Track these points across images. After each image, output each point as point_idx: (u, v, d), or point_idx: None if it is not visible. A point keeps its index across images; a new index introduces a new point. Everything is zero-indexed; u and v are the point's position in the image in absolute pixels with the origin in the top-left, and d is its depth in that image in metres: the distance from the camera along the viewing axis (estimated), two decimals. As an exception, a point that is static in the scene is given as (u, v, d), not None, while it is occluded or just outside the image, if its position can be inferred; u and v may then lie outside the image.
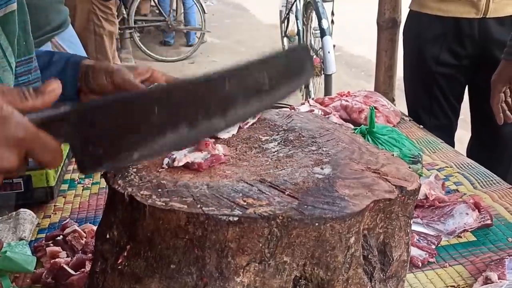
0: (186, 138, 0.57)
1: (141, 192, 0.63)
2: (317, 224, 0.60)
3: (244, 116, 0.59)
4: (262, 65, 0.58)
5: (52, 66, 0.87)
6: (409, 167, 0.77)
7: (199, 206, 0.60)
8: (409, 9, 1.98)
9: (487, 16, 1.79)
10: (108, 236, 0.65)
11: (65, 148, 1.32)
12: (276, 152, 0.76)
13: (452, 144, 1.85)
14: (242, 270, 0.60)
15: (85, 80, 0.85)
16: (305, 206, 0.61)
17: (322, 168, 0.70)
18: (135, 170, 0.68)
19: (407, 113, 1.95)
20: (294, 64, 0.62)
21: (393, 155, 0.80)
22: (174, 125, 0.56)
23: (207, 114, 0.57)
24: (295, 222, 0.59)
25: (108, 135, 0.56)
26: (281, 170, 0.70)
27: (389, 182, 0.70)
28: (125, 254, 0.63)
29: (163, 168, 0.70)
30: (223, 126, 0.58)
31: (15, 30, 0.79)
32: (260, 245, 0.59)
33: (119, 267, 0.63)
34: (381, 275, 0.69)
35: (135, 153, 0.56)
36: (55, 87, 0.61)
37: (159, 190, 0.63)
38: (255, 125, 0.87)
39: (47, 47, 1.71)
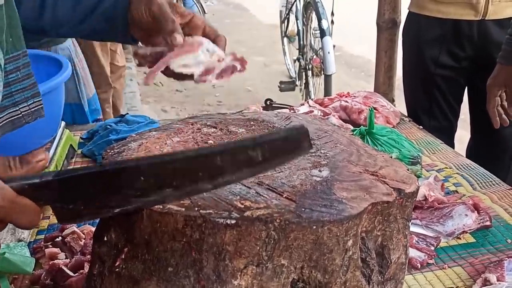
0: (170, 197, 0.59)
1: (139, 195, 0.63)
2: (314, 227, 0.60)
3: (233, 181, 0.60)
4: (257, 144, 0.59)
5: (103, 1, 0.88)
6: (408, 169, 0.76)
7: (196, 208, 0.60)
8: (408, 11, 1.98)
9: (486, 18, 1.79)
10: (105, 238, 0.65)
11: (61, 157, 1.32)
12: (274, 154, 0.76)
13: (452, 145, 1.84)
14: (239, 273, 0.60)
15: (130, 11, 0.86)
16: (303, 209, 0.61)
17: (320, 171, 0.70)
18: (133, 172, 0.68)
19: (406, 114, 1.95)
20: (290, 143, 0.62)
21: (391, 157, 0.80)
22: (158, 189, 0.57)
23: (193, 181, 0.58)
24: (292, 225, 0.59)
25: (90, 198, 0.57)
26: (279, 172, 0.70)
27: (387, 184, 0.70)
28: (123, 256, 0.63)
29: None
30: (210, 188, 0.59)
31: (2, 25, 0.77)
32: (258, 248, 0.59)
33: (117, 269, 0.63)
34: (379, 277, 0.69)
35: (116, 209, 0.58)
36: (42, 158, 0.61)
37: (157, 192, 0.63)
38: (253, 127, 0.87)
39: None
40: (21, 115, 0.83)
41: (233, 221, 0.58)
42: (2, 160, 0.58)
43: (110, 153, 0.76)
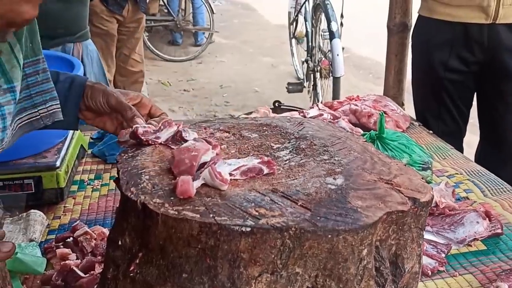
0: None
1: (154, 200, 0.63)
2: (330, 236, 0.60)
3: None
4: None
5: (58, 84, 0.93)
6: (422, 178, 0.76)
7: (211, 215, 0.60)
8: (418, 14, 1.97)
9: (497, 22, 1.77)
10: (120, 242, 0.66)
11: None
12: (288, 161, 0.76)
13: (460, 149, 1.83)
14: (254, 281, 0.60)
15: (85, 99, 0.94)
16: (318, 218, 0.61)
17: (334, 178, 0.70)
18: (147, 177, 0.68)
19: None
20: None
21: (405, 164, 0.80)
22: None
23: None
24: (308, 234, 0.59)
25: None
26: (293, 179, 0.70)
27: (402, 193, 0.69)
28: (137, 261, 0.63)
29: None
30: None
31: (23, 29, 0.81)
32: (273, 256, 0.59)
33: (131, 274, 0.63)
34: (393, 286, 0.69)
35: None
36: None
37: (172, 198, 0.63)
38: (266, 132, 0.87)
39: (70, 48, 1.93)
40: (39, 116, 0.87)
41: (248, 229, 0.58)
42: None
43: (125, 157, 0.76)
